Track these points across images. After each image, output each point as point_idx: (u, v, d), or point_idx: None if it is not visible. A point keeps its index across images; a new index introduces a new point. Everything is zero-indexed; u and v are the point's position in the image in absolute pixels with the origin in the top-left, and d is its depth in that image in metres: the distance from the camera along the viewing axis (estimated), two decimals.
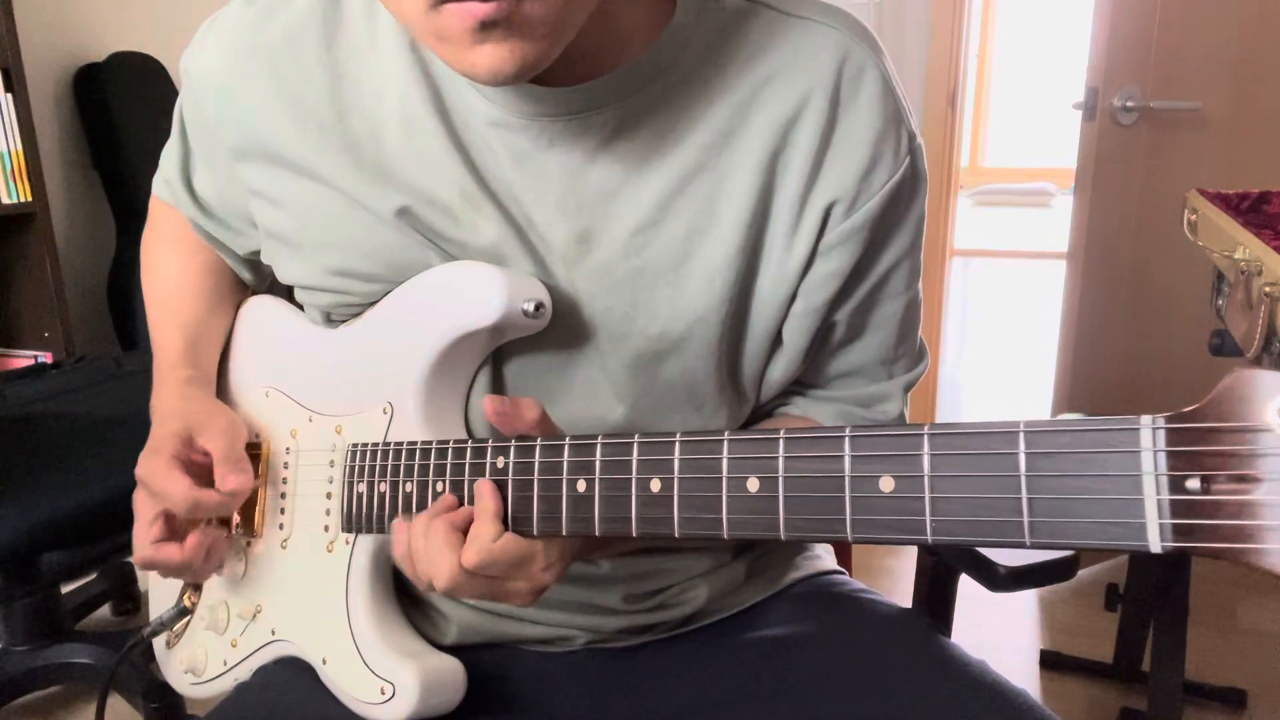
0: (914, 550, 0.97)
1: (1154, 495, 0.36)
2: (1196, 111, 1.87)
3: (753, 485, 0.47)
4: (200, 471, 0.70)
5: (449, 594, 0.57)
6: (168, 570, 0.71)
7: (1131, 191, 1.89)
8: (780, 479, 0.46)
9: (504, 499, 0.56)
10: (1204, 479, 0.35)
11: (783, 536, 0.45)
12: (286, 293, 0.77)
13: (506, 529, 0.56)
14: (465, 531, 0.57)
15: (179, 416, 0.71)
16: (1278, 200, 1.32)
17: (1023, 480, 0.39)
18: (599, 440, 0.53)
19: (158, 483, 0.68)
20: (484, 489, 0.57)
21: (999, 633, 1.86)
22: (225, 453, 0.69)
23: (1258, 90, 1.87)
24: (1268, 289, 1.01)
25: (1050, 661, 1.75)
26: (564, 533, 0.54)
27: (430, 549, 0.57)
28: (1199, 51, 1.83)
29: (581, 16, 0.53)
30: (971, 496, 0.40)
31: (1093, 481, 0.38)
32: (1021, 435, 0.39)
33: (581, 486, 0.53)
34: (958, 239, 3.77)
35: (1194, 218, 1.35)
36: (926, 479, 0.41)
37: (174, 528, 0.70)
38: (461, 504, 0.59)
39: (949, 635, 0.75)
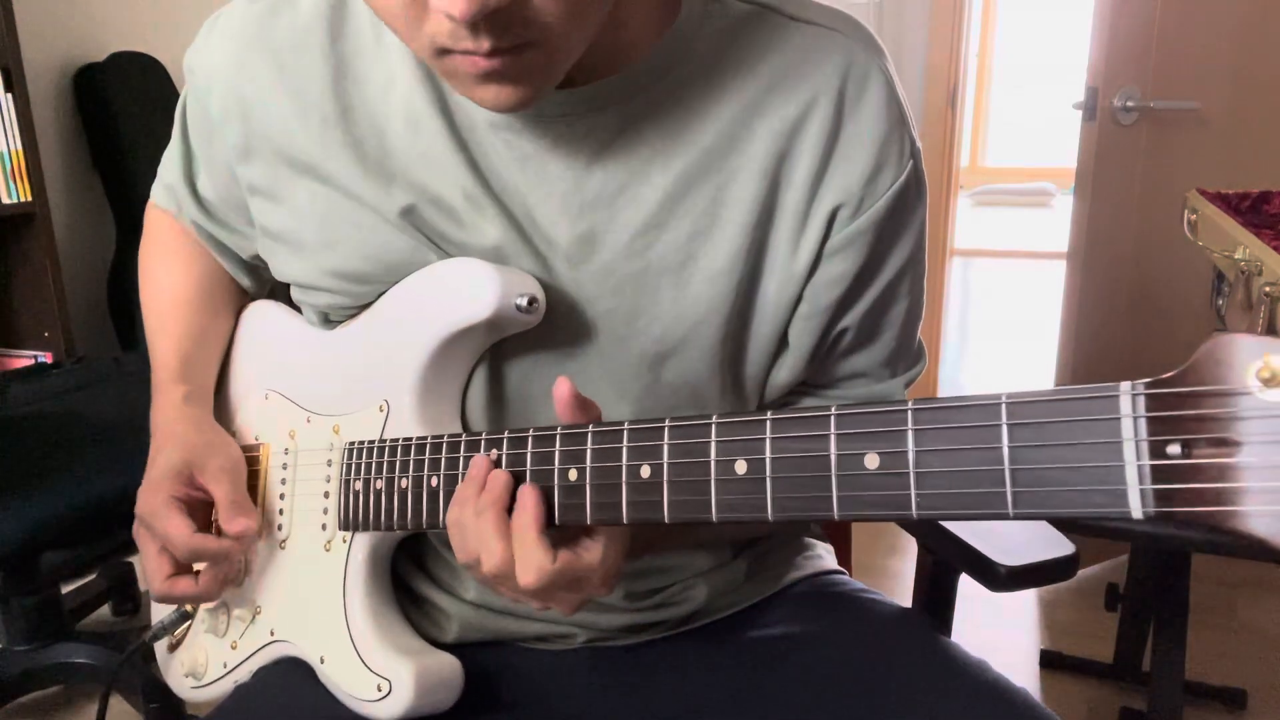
0: (914, 550, 0.97)
1: (1134, 461, 0.36)
2: (1196, 111, 1.87)
3: (740, 467, 0.47)
4: (198, 508, 0.70)
5: (498, 586, 0.56)
6: (182, 601, 0.72)
7: (1131, 191, 1.89)
8: (767, 460, 0.46)
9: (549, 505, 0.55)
10: (1184, 444, 0.35)
11: (770, 517, 0.46)
12: (285, 293, 0.77)
13: (555, 550, 0.54)
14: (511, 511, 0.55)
15: (179, 447, 0.70)
16: (1278, 200, 1.32)
17: (1005, 452, 0.39)
18: (589, 429, 0.53)
19: (159, 525, 0.68)
20: (528, 499, 0.54)
21: (999, 633, 1.86)
22: (229, 497, 0.69)
23: (1258, 90, 1.87)
24: (1268, 289, 1.01)
25: (1050, 661, 1.75)
26: (557, 522, 0.54)
27: (482, 532, 0.55)
28: (1199, 51, 1.83)
29: (580, 50, 0.54)
30: (955, 470, 0.40)
31: (1074, 450, 0.37)
32: (1004, 407, 0.39)
33: (573, 475, 0.53)
34: (958, 239, 3.77)
35: (1194, 218, 1.35)
36: (910, 454, 0.41)
37: (180, 563, 0.70)
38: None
39: (949, 635, 0.75)
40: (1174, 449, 0.35)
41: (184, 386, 0.74)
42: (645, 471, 0.50)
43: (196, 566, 0.71)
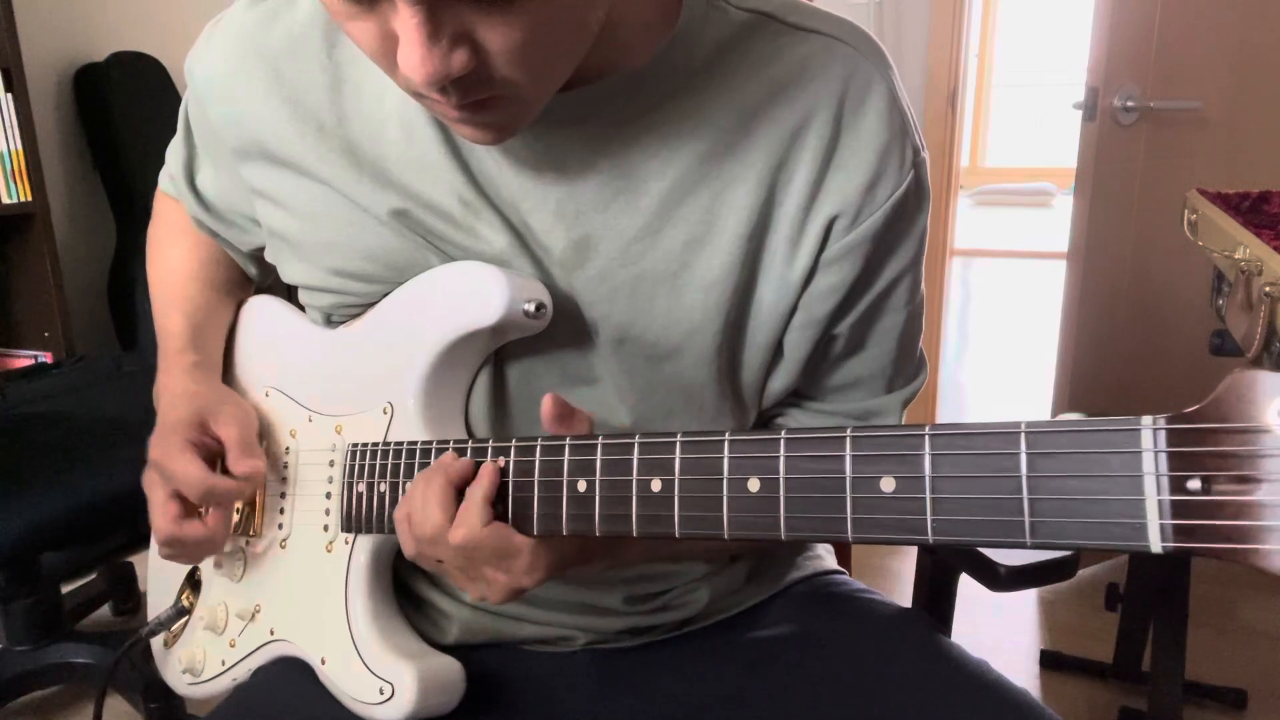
0: (914, 550, 0.97)
1: (1155, 496, 0.36)
2: (1196, 111, 1.87)
3: (754, 485, 0.46)
4: (211, 457, 0.70)
5: (429, 550, 0.57)
6: (190, 547, 0.70)
7: (1131, 191, 1.89)
8: (781, 479, 0.45)
9: (505, 498, 0.56)
10: (1205, 479, 0.35)
11: (783, 536, 0.45)
12: (288, 292, 0.77)
13: (495, 518, 0.56)
14: (461, 493, 0.57)
15: (190, 400, 0.71)
16: (1278, 200, 1.31)
17: (1024, 481, 0.39)
18: (599, 440, 0.53)
19: (172, 465, 0.68)
20: (485, 472, 0.57)
21: (999, 633, 1.86)
22: (238, 438, 0.69)
23: (1258, 90, 1.87)
24: (1268, 289, 1.01)
25: (1050, 661, 1.75)
26: (564, 532, 0.54)
27: (426, 500, 0.57)
28: (1199, 51, 1.83)
29: (556, 88, 0.55)
30: (972, 497, 0.40)
31: (1094, 482, 0.37)
32: (1023, 436, 0.39)
33: (582, 486, 0.53)
34: (958, 239, 3.77)
35: (1194, 218, 1.35)
36: (927, 479, 0.41)
37: (188, 508, 0.70)
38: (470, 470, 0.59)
39: (949, 635, 0.75)
40: (1194, 484, 0.35)
41: (193, 355, 0.75)
42: (656, 485, 0.50)
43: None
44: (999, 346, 4.04)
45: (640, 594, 0.72)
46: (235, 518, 0.74)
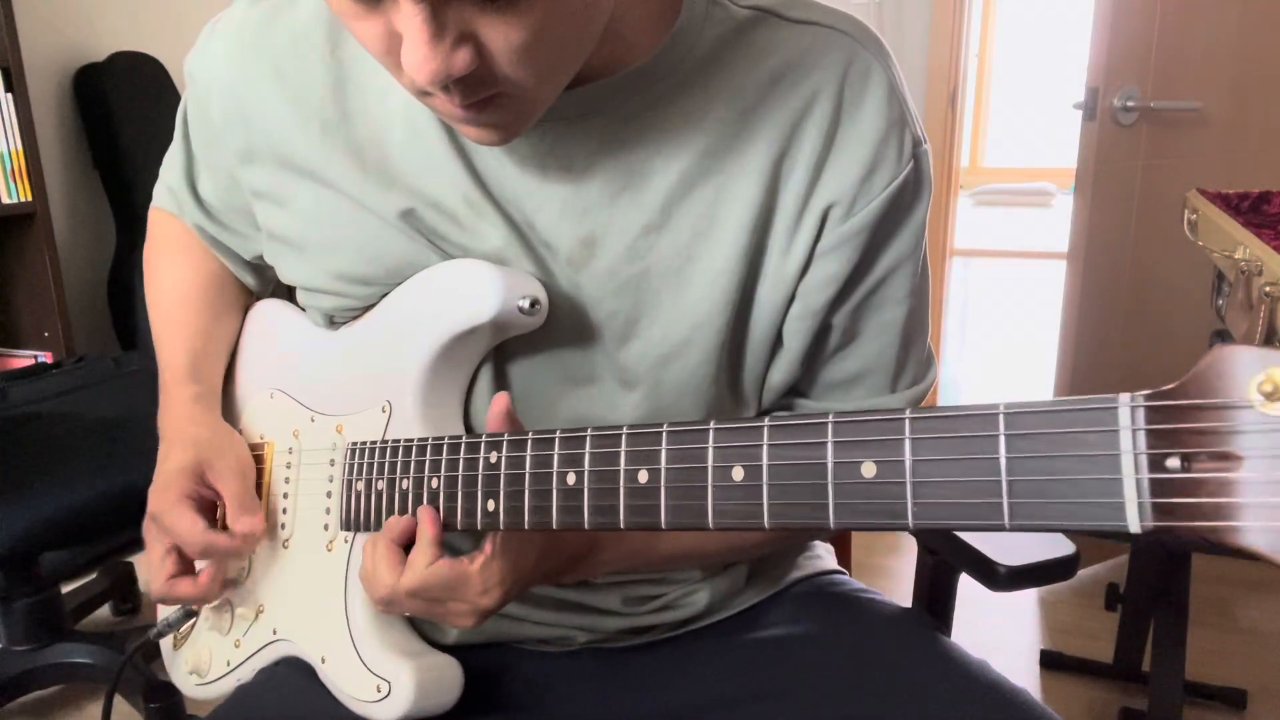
0: (914, 550, 0.97)
1: (1133, 474, 0.35)
2: (1196, 111, 1.87)
3: (737, 474, 0.46)
4: (209, 505, 0.71)
5: (387, 610, 0.60)
6: (182, 602, 0.72)
7: (1131, 191, 1.89)
8: (764, 467, 0.45)
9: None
10: (1184, 457, 0.34)
11: (766, 525, 0.45)
12: (288, 294, 0.77)
13: (442, 554, 0.58)
14: (408, 549, 0.60)
15: (189, 447, 0.71)
16: (1278, 200, 1.32)
17: (1002, 462, 0.38)
18: (588, 432, 0.53)
19: (170, 522, 0.68)
20: (423, 515, 0.59)
21: (999, 633, 1.86)
22: (237, 495, 0.69)
23: (1258, 90, 1.87)
24: (1268, 289, 1.01)
25: (1050, 661, 1.75)
26: (554, 526, 0.54)
27: (376, 565, 0.59)
28: (1199, 51, 1.83)
29: (559, 89, 0.55)
30: (952, 480, 0.40)
31: (1072, 462, 0.37)
32: (1001, 417, 0.39)
33: (571, 479, 0.53)
34: (958, 239, 3.76)
35: (1194, 218, 1.35)
36: (908, 464, 0.41)
37: (185, 559, 0.71)
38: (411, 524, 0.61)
39: (949, 635, 0.75)
40: (1173, 462, 0.34)
41: (193, 387, 0.75)
42: (643, 476, 0.50)
43: (199, 565, 0.71)
44: (999, 346, 4.04)
45: (637, 595, 0.72)
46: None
